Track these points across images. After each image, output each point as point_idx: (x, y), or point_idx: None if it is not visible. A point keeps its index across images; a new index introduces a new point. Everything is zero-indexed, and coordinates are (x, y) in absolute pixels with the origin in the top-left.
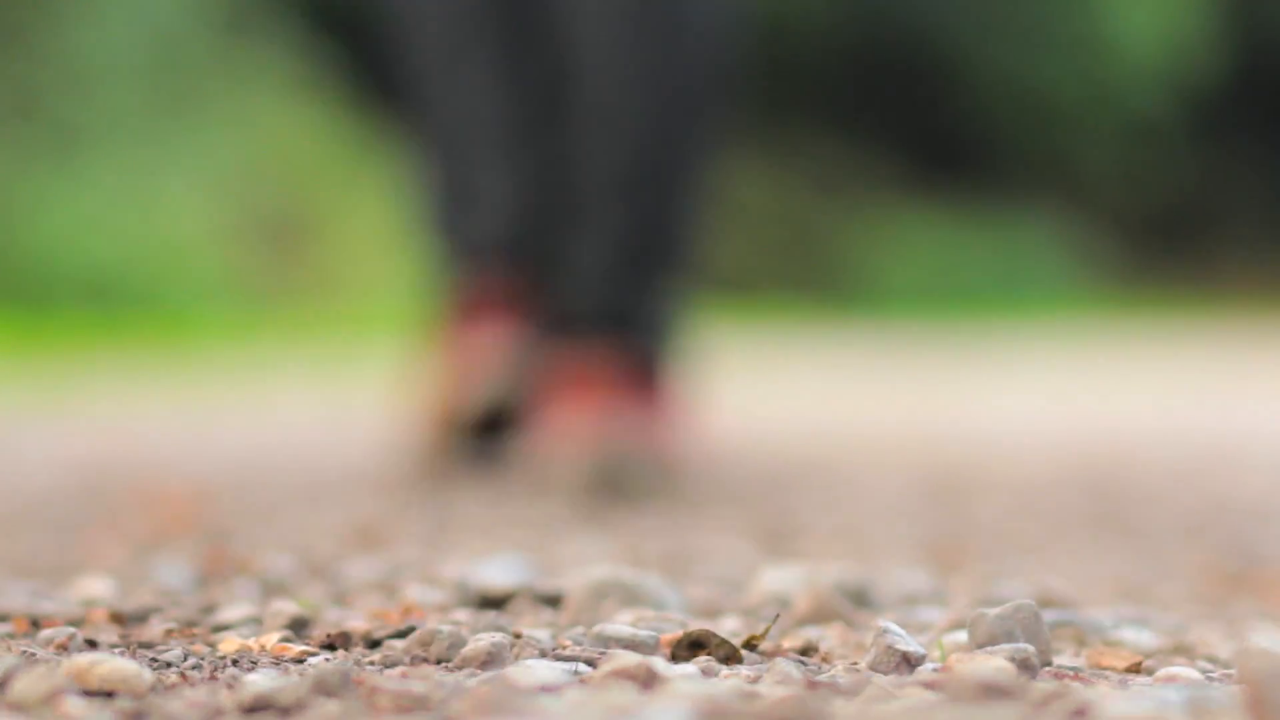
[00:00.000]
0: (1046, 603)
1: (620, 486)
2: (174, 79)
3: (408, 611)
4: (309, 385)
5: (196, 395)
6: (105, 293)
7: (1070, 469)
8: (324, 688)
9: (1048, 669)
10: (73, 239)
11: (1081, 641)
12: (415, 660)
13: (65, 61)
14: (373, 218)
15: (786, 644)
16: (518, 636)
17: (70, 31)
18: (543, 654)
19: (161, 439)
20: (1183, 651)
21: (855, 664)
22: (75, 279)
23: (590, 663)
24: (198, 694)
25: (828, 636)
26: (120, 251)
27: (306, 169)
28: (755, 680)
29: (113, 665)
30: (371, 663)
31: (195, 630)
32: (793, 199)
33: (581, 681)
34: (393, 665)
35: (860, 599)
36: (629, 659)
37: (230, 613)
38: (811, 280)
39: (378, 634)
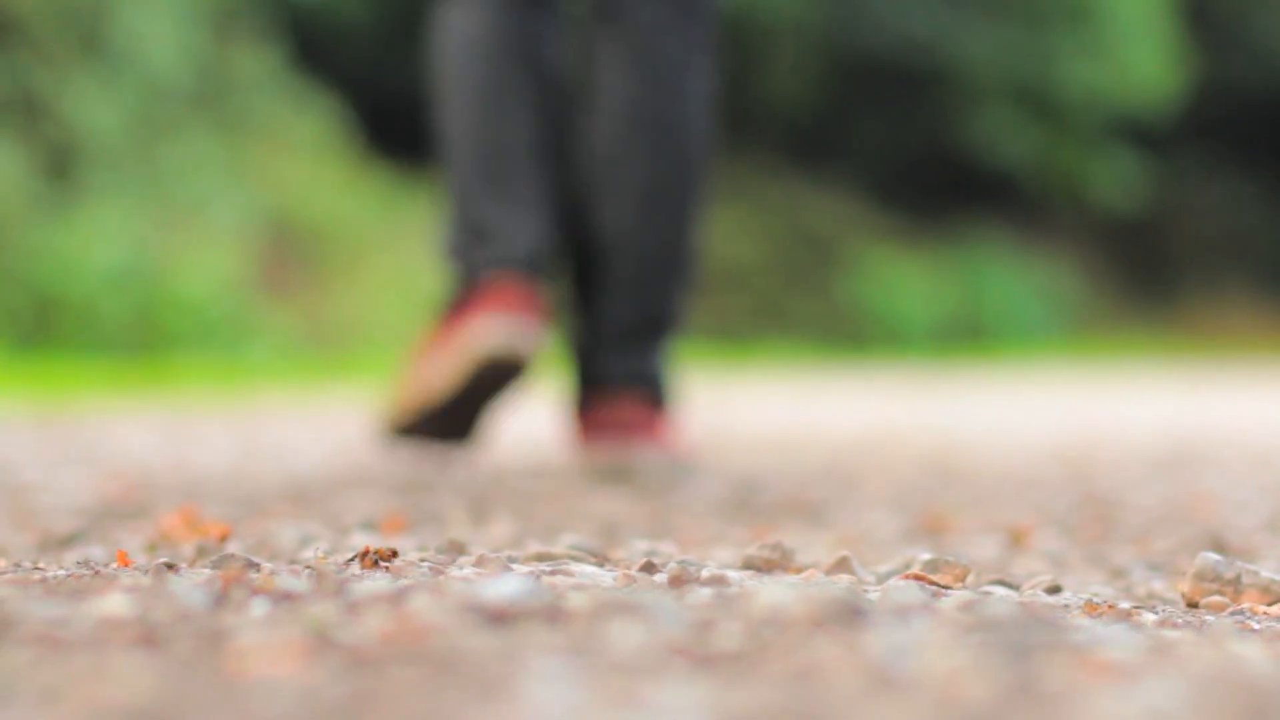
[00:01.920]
0: (1036, 615)
1: (630, 477)
2: (203, 133)
3: (418, 632)
4: (320, 421)
5: (226, 429)
6: (133, 338)
7: (1052, 479)
8: (338, 707)
9: (1039, 684)
10: (92, 285)
11: (1071, 653)
12: (423, 679)
13: (93, 110)
14: (390, 269)
15: (782, 659)
16: (523, 653)
17: (119, 72)
18: (547, 670)
19: (184, 469)
20: (1167, 659)
21: (849, 681)
22: (98, 325)
23: (594, 678)
24: (219, 712)
25: (823, 651)
26: (145, 299)
27: (327, 222)
28: (753, 697)
29: (135, 682)
30: (380, 681)
31: (215, 648)
32: (779, 250)
33: (585, 697)
34: (401, 684)
35: (854, 613)
36: (631, 674)
37: (247, 631)
38: (808, 326)
39: (386, 652)
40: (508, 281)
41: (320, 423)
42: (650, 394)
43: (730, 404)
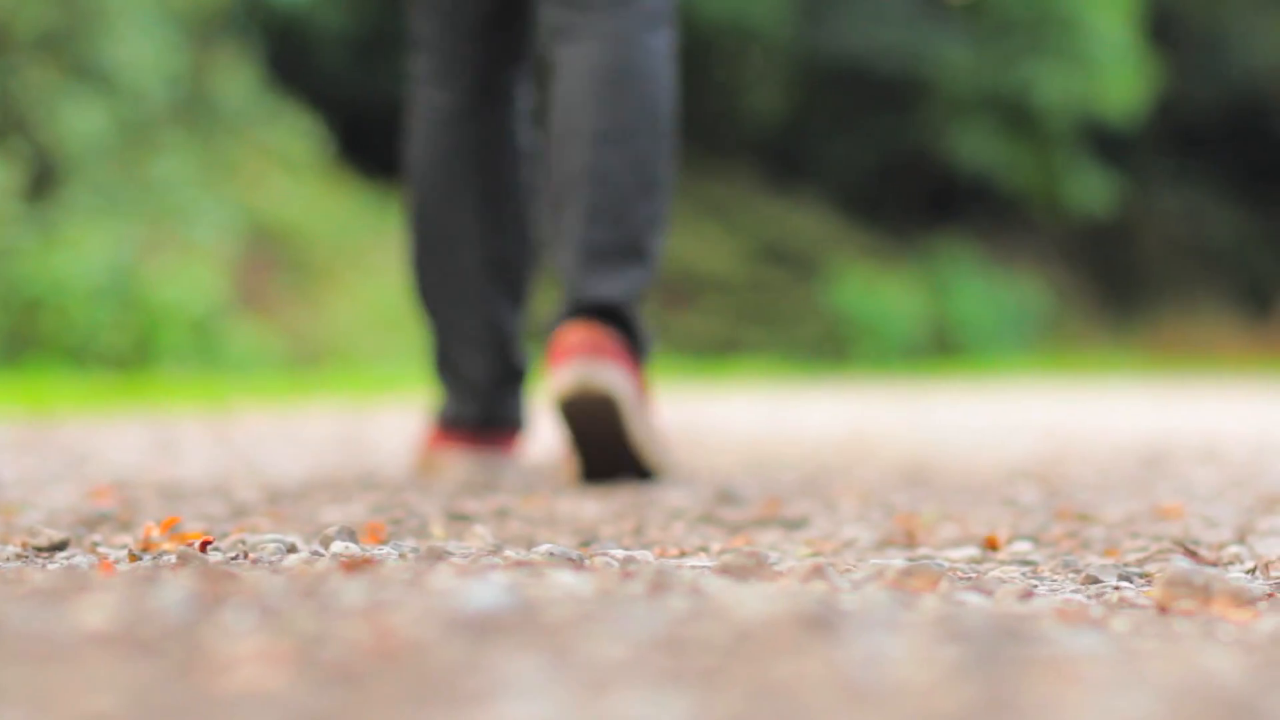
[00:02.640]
0: (1010, 627)
1: (592, 396)
2: (183, 148)
3: (397, 643)
4: (301, 431)
5: (210, 443)
6: (115, 351)
7: (1017, 481)
8: (318, 718)
9: (1013, 697)
10: (74, 299)
11: (1045, 666)
12: (402, 690)
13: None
14: (371, 281)
15: (758, 670)
16: (500, 664)
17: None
18: (524, 681)
19: (167, 479)
20: (1139, 670)
21: (824, 693)
22: (81, 339)
23: (570, 690)
24: None
25: (798, 662)
26: (127, 312)
27: (307, 235)
28: (729, 709)
29: (117, 693)
30: (359, 692)
31: (197, 658)
32: (753, 265)
33: (561, 709)
34: (379, 695)
35: (829, 623)
36: (607, 686)
37: (229, 642)
38: (783, 340)
39: (365, 663)
40: (464, 431)
41: (301, 433)
42: (623, 331)
43: (708, 414)
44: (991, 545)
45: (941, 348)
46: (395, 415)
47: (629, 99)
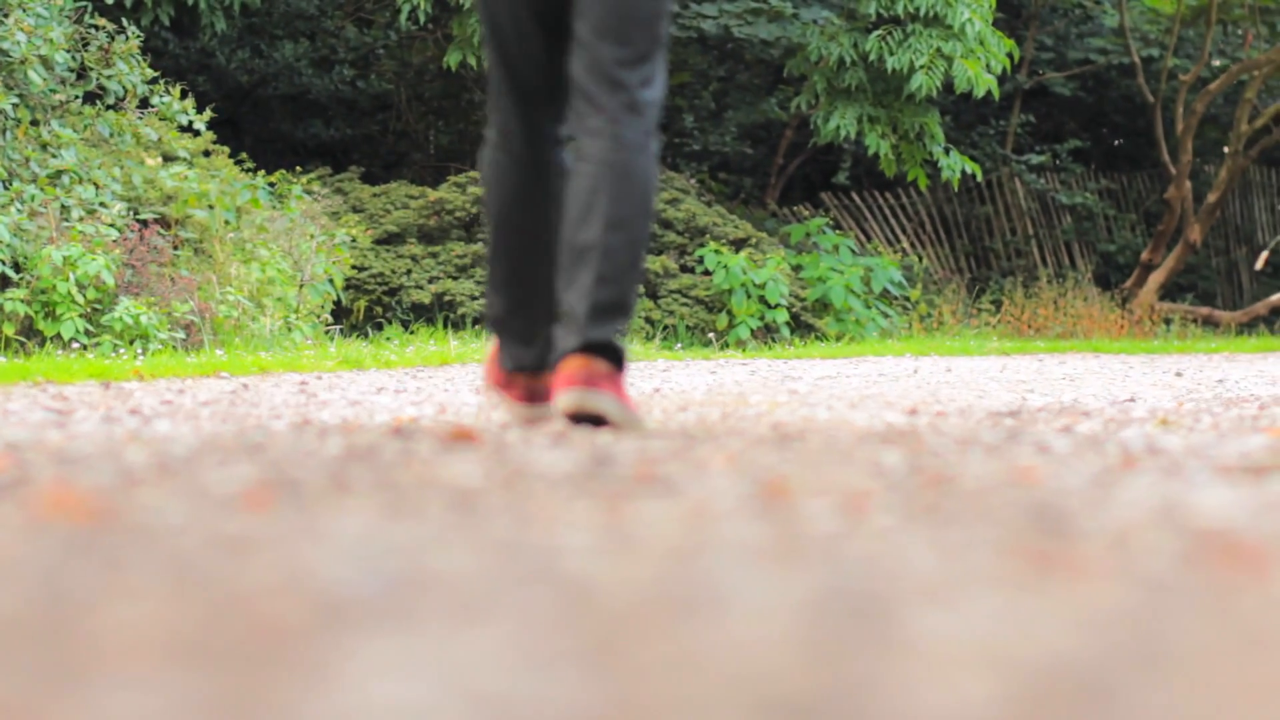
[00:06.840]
0: (867, 602)
1: (588, 414)
2: (70, 127)
3: (272, 627)
4: (192, 401)
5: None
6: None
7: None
8: (193, 705)
9: (865, 678)
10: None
11: (899, 645)
12: (276, 674)
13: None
14: (257, 256)
15: (623, 653)
16: (372, 645)
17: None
18: (398, 662)
19: (60, 449)
20: (990, 649)
21: (683, 677)
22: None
23: (446, 672)
24: (74, 707)
25: (664, 645)
26: (18, 292)
27: (195, 216)
28: (593, 693)
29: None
30: (234, 678)
31: (72, 640)
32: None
33: (433, 693)
34: (254, 680)
35: (695, 607)
36: (480, 671)
37: (105, 627)
38: (655, 315)
39: (241, 647)
40: (524, 379)
41: (189, 403)
42: (613, 358)
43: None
44: (856, 510)
45: (810, 319)
46: (279, 386)
47: (631, 195)
